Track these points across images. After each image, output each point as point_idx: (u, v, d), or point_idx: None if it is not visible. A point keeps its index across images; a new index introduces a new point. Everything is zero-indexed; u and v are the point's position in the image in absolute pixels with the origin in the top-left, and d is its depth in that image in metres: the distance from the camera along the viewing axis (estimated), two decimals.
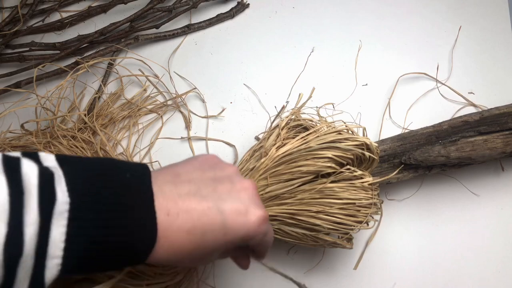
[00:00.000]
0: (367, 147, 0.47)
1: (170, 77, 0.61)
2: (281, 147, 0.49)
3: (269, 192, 0.47)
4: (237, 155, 0.57)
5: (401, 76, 0.60)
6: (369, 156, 0.47)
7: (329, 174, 0.47)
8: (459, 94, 0.59)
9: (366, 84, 0.61)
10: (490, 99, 0.59)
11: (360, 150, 0.46)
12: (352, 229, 0.47)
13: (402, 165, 0.51)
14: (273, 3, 0.65)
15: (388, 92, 0.60)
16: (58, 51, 0.63)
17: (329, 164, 0.46)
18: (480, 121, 0.53)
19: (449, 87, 0.60)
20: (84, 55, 0.62)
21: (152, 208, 0.31)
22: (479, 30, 0.63)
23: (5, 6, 0.66)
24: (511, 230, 0.55)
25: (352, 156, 0.47)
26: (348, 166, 0.47)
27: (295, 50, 0.63)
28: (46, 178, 0.28)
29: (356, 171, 0.47)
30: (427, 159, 0.51)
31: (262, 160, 0.48)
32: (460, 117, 0.54)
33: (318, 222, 0.46)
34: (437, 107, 0.59)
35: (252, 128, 0.58)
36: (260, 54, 0.63)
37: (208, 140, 0.58)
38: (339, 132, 0.48)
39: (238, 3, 0.65)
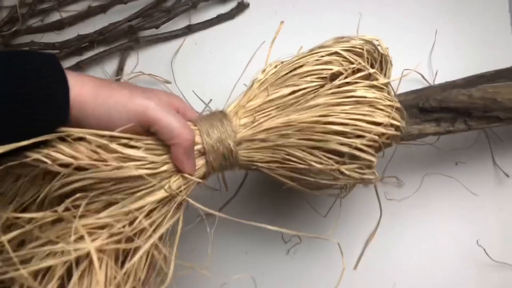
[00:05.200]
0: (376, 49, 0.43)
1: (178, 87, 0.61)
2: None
3: (269, 102, 0.42)
4: None
5: (402, 75, 0.60)
6: (381, 55, 0.43)
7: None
8: None
9: None
10: None
11: (371, 46, 0.42)
12: (370, 132, 0.40)
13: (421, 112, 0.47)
14: (273, 3, 0.65)
15: None
16: (58, 51, 0.62)
17: (338, 62, 0.41)
18: (496, 74, 0.50)
19: None
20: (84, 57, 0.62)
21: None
22: (479, 30, 0.63)
23: (4, 5, 0.66)
24: (510, 229, 0.55)
25: (361, 54, 0.42)
26: (359, 61, 0.42)
27: (295, 50, 0.62)
28: None
29: (368, 69, 0.42)
30: (447, 99, 0.46)
31: (262, 74, 0.43)
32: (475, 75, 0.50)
33: (333, 127, 0.39)
34: None
35: None
36: (260, 54, 0.63)
37: None
38: (343, 39, 0.44)
39: (239, 3, 0.64)
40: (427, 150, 0.57)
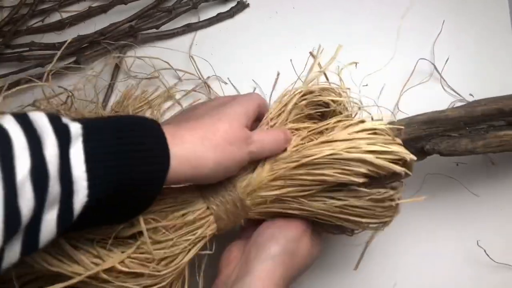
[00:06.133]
0: (404, 163, 0.42)
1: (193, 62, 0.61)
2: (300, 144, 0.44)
3: (286, 193, 0.42)
4: None
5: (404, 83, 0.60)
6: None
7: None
8: (457, 93, 0.60)
9: (366, 85, 0.60)
10: None
11: (397, 169, 0.41)
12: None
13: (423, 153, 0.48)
14: (273, 3, 0.65)
15: (390, 90, 0.60)
16: (58, 51, 0.62)
17: (360, 180, 0.40)
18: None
19: (447, 87, 0.60)
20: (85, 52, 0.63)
21: (158, 129, 0.35)
22: (479, 30, 0.63)
23: (4, 5, 0.66)
24: (511, 230, 0.55)
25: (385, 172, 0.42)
26: (379, 190, 0.42)
27: (295, 51, 0.63)
28: (54, 116, 0.30)
29: (387, 192, 0.42)
30: (452, 153, 0.48)
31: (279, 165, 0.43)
32: (497, 102, 0.50)
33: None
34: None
35: None
36: (260, 54, 0.63)
37: None
38: (373, 131, 0.42)
39: (238, 2, 0.65)
40: None
